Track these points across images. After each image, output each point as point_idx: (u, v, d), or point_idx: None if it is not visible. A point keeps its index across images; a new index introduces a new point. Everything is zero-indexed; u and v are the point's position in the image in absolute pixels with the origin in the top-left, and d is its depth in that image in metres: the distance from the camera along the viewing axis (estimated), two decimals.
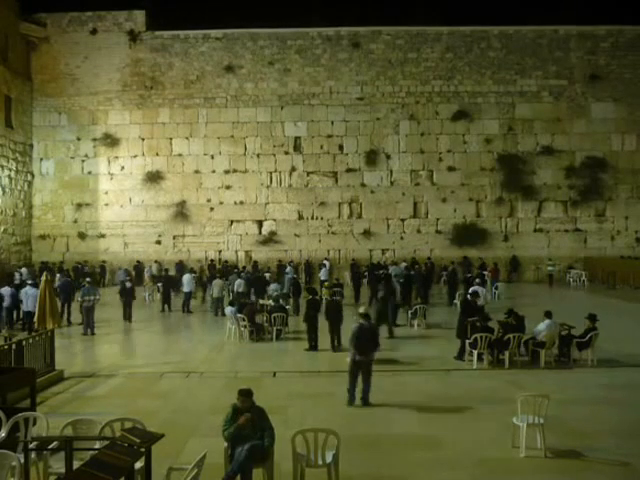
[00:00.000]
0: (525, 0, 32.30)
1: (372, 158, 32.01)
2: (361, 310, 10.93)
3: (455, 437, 8.43)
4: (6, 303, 18.24)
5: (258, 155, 32.26)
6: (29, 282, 19.21)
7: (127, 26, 32.30)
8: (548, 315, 12.98)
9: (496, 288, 24.71)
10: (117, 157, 32.37)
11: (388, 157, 32.11)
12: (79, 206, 32.38)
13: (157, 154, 32.31)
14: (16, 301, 18.45)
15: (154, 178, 32.15)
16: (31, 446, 6.40)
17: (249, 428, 6.59)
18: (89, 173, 32.47)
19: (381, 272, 24.24)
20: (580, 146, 31.98)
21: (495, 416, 9.40)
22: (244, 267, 28.65)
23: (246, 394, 6.75)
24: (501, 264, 30.63)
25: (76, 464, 5.88)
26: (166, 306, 21.95)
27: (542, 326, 12.94)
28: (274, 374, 12.32)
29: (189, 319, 20.60)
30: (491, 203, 32.11)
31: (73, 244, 32.37)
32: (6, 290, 18.52)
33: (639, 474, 7.41)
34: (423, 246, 31.91)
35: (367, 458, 7.71)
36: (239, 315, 16.29)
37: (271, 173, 32.26)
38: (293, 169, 32.22)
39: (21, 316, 18.63)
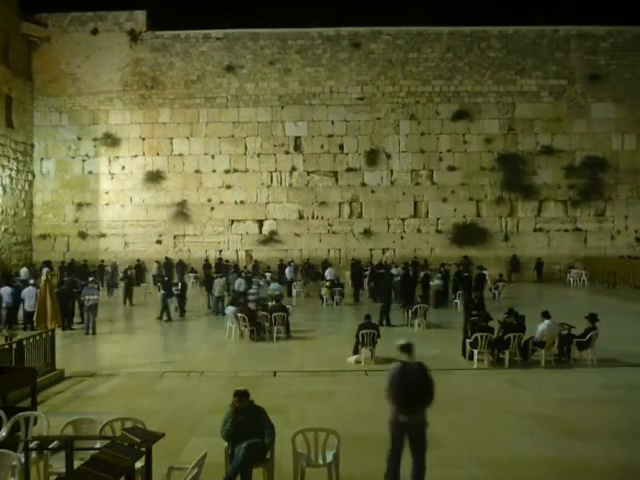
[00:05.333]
0: (525, 0, 32.28)
1: (372, 158, 32.03)
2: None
3: (455, 437, 8.44)
4: (5, 303, 18.27)
5: (258, 155, 32.28)
6: (31, 282, 19.24)
7: (128, 26, 32.33)
8: (546, 315, 12.98)
9: (496, 288, 24.72)
10: (118, 157, 32.41)
11: (388, 157, 32.13)
12: (80, 206, 32.42)
13: (158, 154, 32.34)
14: (16, 301, 18.47)
15: (155, 178, 32.18)
16: (32, 445, 6.41)
17: (248, 427, 6.61)
18: (90, 173, 32.50)
19: (380, 272, 24.35)
20: (580, 146, 32.01)
21: (495, 416, 9.42)
22: (245, 267, 28.71)
23: (241, 395, 6.76)
24: (501, 263, 30.75)
25: (76, 464, 5.88)
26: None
27: (542, 326, 12.94)
28: (274, 374, 12.34)
29: (189, 319, 20.62)
30: (491, 203, 32.14)
31: (74, 244, 32.40)
32: (5, 290, 18.54)
33: (639, 474, 7.42)
34: (423, 246, 31.94)
35: (367, 458, 7.71)
36: (239, 315, 16.30)
37: (271, 173, 32.28)
38: (293, 169, 32.25)
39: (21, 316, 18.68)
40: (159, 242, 32.35)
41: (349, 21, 31.95)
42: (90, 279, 19.74)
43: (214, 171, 32.32)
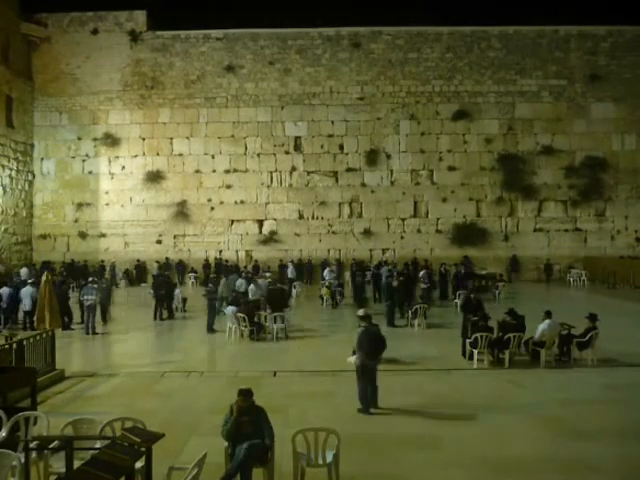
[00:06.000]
0: (525, 0, 32.28)
1: (372, 158, 32.03)
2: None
3: (455, 437, 8.44)
4: (4, 304, 18.29)
5: (259, 155, 32.28)
6: (29, 281, 19.24)
7: (128, 26, 32.34)
8: (548, 315, 12.98)
9: (496, 288, 24.71)
10: (118, 157, 32.42)
11: (388, 157, 32.13)
12: (80, 206, 32.43)
13: (158, 154, 32.35)
14: (14, 301, 18.46)
15: (155, 178, 32.19)
16: (32, 445, 6.41)
17: (249, 427, 6.61)
18: (90, 173, 32.51)
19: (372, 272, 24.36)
20: (580, 146, 32.01)
21: (495, 415, 9.42)
22: (245, 267, 28.73)
23: (246, 394, 6.77)
24: (501, 263, 30.81)
25: (77, 463, 5.89)
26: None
27: (543, 326, 12.94)
28: (274, 374, 12.34)
29: (189, 318, 20.62)
30: (491, 203, 32.14)
31: (74, 244, 32.41)
32: (5, 290, 18.55)
33: (639, 474, 7.42)
34: (423, 246, 31.94)
35: (367, 458, 7.72)
36: (239, 315, 16.29)
37: (271, 173, 32.29)
38: (293, 169, 32.25)
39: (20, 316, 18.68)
40: (159, 242, 32.36)
41: (349, 21, 31.97)
42: (90, 279, 19.73)
43: (214, 171, 32.33)
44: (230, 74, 32.31)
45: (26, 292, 18.10)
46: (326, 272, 27.14)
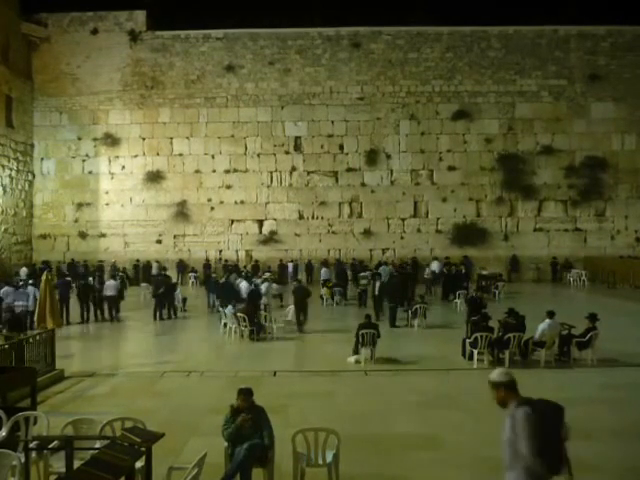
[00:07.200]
0: (525, 0, 32.27)
1: (372, 158, 32.03)
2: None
3: (455, 437, 8.44)
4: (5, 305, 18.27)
5: (258, 155, 32.28)
6: (20, 283, 19.29)
7: (128, 26, 32.34)
8: (550, 315, 12.98)
9: (496, 288, 24.69)
10: (118, 157, 32.42)
11: (388, 157, 32.13)
12: (80, 206, 32.43)
13: (158, 154, 32.34)
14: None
15: (155, 178, 32.19)
16: (31, 445, 6.40)
17: (249, 428, 6.60)
18: (90, 173, 32.51)
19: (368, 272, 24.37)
20: (580, 146, 32.00)
21: (495, 415, 9.40)
22: (245, 267, 28.73)
23: (246, 393, 6.76)
24: (501, 263, 30.79)
25: (76, 463, 5.87)
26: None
27: (543, 326, 12.94)
28: (274, 373, 12.34)
29: (189, 318, 20.63)
30: (491, 203, 32.13)
31: (74, 244, 32.41)
32: (6, 290, 18.51)
33: (639, 474, 7.41)
34: (423, 246, 31.94)
35: (367, 458, 7.71)
36: (239, 315, 16.29)
37: (271, 173, 32.29)
38: (293, 169, 32.25)
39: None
40: (159, 242, 32.36)
41: (349, 21, 31.96)
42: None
43: (214, 171, 32.33)
44: (230, 74, 32.31)
45: (5, 293, 17.92)
46: (323, 272, 27.17)
